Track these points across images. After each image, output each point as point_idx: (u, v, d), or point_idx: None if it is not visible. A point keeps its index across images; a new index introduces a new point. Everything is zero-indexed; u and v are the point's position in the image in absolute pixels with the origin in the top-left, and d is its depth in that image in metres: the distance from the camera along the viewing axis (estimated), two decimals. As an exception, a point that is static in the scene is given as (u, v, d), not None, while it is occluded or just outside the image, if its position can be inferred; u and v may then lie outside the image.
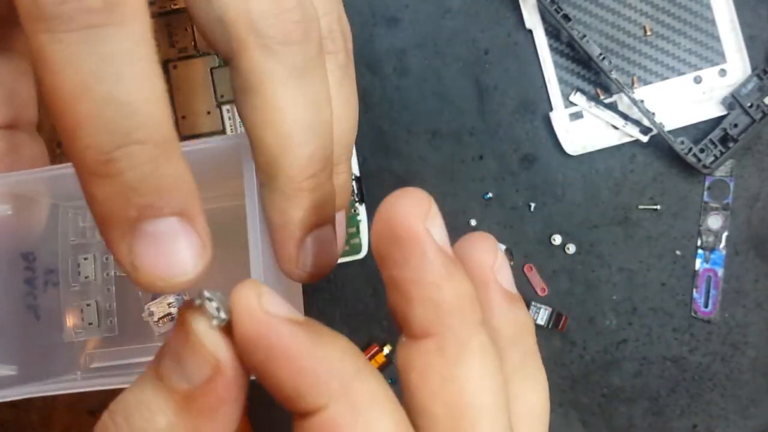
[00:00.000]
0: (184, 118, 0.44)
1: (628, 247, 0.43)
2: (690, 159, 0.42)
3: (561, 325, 0.43)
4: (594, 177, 0.43)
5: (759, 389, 0.43)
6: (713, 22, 0.43)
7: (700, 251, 0.43)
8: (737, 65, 0.43)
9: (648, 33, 0.43)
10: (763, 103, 0.41)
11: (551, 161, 0.43)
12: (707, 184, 0.43)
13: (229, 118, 0.44)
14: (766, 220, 0.43)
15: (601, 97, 0.43)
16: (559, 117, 0.43)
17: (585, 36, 0.42)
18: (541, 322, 0.43)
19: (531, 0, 0.43)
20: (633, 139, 0.43)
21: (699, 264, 0.43)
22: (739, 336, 0.43)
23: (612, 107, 0.43)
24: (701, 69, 0.43)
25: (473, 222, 0.44)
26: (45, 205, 0.31)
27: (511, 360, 0.20)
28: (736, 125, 0.42)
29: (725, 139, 0.42)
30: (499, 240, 0.43)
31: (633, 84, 0.43)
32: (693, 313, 0.43)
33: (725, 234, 0.43)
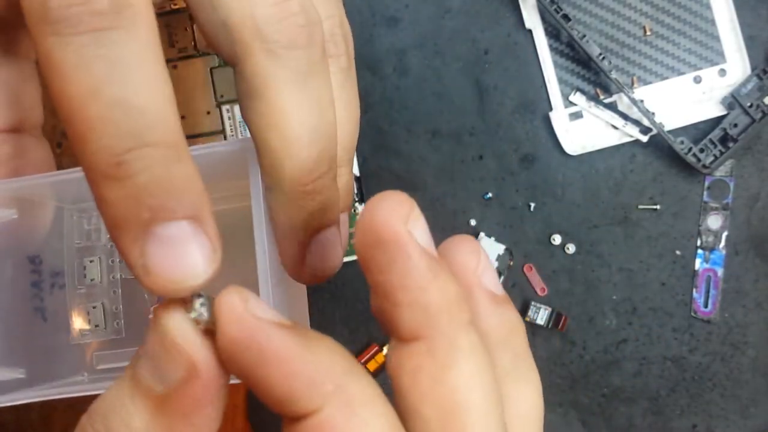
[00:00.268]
0: (183, 118, 0.44)
1: (628, 247, 0.43)
2: (690, 159, 0.42)
3: (561, 325, 0.43)
4: (594, 177, 0.43)
5: (759, 389, 0.43)
6: (713, 22, 0.43)
7: (699, 251, 0.43)
8: (737, 65, 0.43)
9: (648, 33, 0.43)
10: (763, 103, 0.41)
11: (551, 161, 0.43)
12: (707, 184, 0.43)
13: (229, 118, 0.44)
14: (766, 220, 0.43)
15: (601, 97, 0.43)
16: (559, 117, 0.43)
17: (585, 36, 0.42)
18: (541, 322, 0.43)
19: (531, 0, 0.43)
20: (633, 139, 0.43)
21: (699, 264, 0.43)
22: (739, 336, 0.43)
23: (612, 107, 0.43)
24: (701, 69, 0.43)
25: (473, 222, 0.44)
26: (50, 208, 0.30)
27: (502, 362, 0.20)
28: (735, 125, 0.42)
29: (725, 139, 0.42)
30: (499, 240, 0.43)
31: (633, 84, 0.43)
32: (693, 313, 0.43)
33: (725, 234, 0.43)
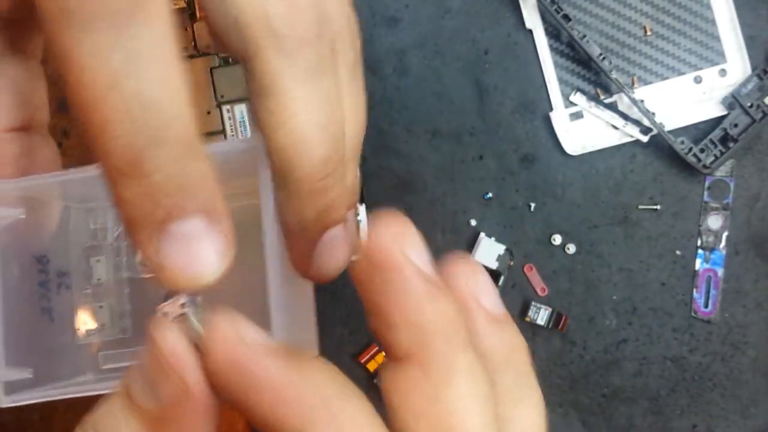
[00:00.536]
0: (184, 118, 0.44)
1: (628, 247, 0.43)
2: (690, 159, 0.42)
3: (561, 325, 0.43)
4: (594, 177, 0.43)
5: (759, 389, 0.43)
6: (713, 22, 0.43)
7: (700, 251, 0.43)
8: (737, 65, 0.42)
9: (648, 33, 0.43)
10: (763, 103, 0.41)
11: (551, 161, 0.43)
12: (707, 184, 0.43)
13: (229, 118, 0.44)
14: (766, 220, 0.43)
15: (601, 97, 0.43)
16: (559, 117, 0.43)
17: (585, 36, 0.42)
18: (541, 322, 0.43)
19: (531, 0, 0.43)
20: (633, 139, 0.43)
21: (699, 264, 0.43)
22: (739, 336, 0.43)
23: (612, 107, 0.43)
24: (701, 69, 0.43)
25: (473, 222, 0.44)
26: (57, 207, 0.30)
27: (503, 382, 0.20)
28: (736, 125, 0.42)
29: (725, 139, 0.42)
30: (499, 240, 0.43)
31: (633, 84, 0.43)
32: (693, 313, 0.43)
33: (725, 234, 0.43)
